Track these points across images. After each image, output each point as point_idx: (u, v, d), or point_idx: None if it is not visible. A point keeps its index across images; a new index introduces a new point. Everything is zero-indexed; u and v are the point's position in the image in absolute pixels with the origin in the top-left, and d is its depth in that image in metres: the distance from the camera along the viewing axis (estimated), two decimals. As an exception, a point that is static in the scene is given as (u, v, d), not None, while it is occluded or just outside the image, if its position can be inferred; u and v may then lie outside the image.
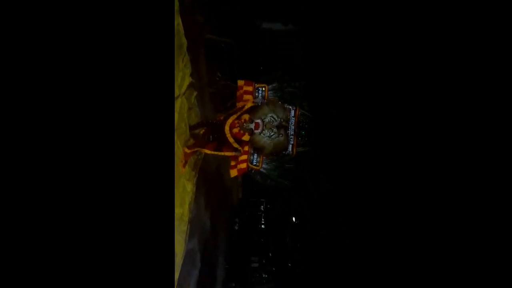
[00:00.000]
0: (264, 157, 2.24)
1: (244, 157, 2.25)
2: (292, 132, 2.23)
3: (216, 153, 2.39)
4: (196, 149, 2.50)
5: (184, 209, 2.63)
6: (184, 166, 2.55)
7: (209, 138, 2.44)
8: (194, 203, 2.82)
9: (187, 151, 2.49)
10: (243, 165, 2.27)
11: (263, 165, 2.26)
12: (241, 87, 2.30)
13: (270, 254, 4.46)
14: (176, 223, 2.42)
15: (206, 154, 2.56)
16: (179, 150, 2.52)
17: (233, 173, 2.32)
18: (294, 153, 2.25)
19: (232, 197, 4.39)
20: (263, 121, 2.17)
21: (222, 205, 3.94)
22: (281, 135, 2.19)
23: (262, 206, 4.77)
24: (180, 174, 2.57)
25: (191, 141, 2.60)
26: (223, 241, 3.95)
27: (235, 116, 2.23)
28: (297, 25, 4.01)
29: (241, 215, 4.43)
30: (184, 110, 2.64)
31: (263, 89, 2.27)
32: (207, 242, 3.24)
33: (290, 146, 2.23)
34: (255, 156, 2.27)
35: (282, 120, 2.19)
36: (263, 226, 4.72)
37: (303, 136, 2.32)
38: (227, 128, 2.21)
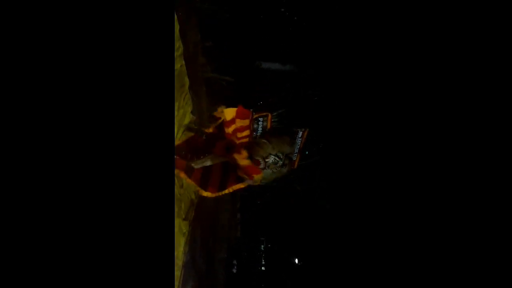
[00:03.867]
0: None
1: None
2: (296, 151, 1.97)
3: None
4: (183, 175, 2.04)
5: (178, 252, 2.45)
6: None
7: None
8: (188, 244, 2.64)
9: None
10: (240, 185, 2.02)
11: (262, 180, 2.04)
12: (232, 121, 1.80)
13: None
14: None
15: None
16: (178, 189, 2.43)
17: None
18: (295, 166, 2.03)
19: (230, 236, 4.15)
20: (265, 161, 1.88)
21: (219, 246, 3.70)
22: (284, 166, 1.94)
23: (262, 246, 4.49)
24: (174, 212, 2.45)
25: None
26: (219, 287, 3.62)
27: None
28: (295, 65, 4.21)
29: (239, 256, 4.14)
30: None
31: (265, 118, 1.92)
32: (201, 289, 2.96)
33: (292, 161, 2.00)
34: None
35: (288, 154, 1.92)
36: (263, 268, 4.39)
37: (307, 154, 2.19)
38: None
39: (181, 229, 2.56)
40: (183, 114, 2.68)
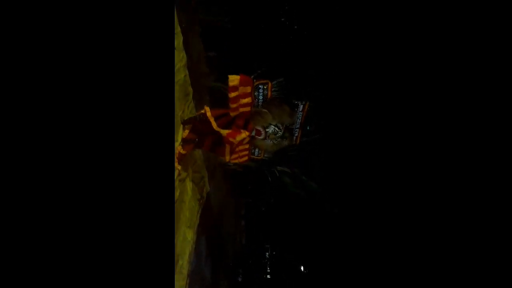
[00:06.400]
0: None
1: (246, 151, 2.08)
2: (298, 126, 1.95)
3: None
4: (191, 149, 2.16)
5: (184, 261, 2.45)
6: (178, 163, 2.24)
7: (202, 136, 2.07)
8: (194, 253, 2.63)
9: (183, 152, 2.14)
10: (245, 158, 2.10)
11: (265, 154, 2.09)
12: (235, 88, 1.83)
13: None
14: (175, 277, 2.23)
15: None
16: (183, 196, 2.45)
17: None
18: (298, 142, 2.02)
19: (235, 244, 4.13)
20: (265, 131, 1.90)
21: (224, 254, 3.68)
22: (285, 139, 1.94)
23: (267, 253, 4.46)
24: (179, 219, 2.46)
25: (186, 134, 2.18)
26: (225, 296, 3.59)
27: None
28: (296, 71, 4.26)
29: (244, 264, 4.11)
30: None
31: (265, 86, 1.90)
32: (207, 298, 2.94)
33: (294, 137, 1.99)
34: (257, 150, 2.12)
35: (288, 125, 1.91)
36: (268, 276, 4.35)
37: (309, 129, 2.14)
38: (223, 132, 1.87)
39: (185, 237, 2.56)
40: (187, 122, 2.72)
